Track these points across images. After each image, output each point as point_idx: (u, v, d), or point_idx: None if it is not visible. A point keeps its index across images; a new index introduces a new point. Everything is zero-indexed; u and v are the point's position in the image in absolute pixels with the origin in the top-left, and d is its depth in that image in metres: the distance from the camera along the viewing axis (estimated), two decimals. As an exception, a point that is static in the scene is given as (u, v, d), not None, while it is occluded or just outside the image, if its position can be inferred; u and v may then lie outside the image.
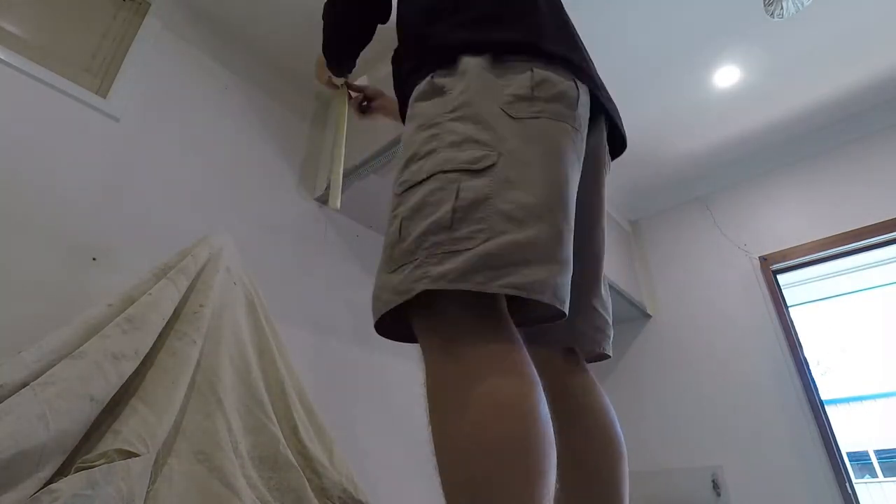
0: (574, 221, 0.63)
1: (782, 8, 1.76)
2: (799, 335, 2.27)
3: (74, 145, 1.19)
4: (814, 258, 2.36)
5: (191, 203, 1.38)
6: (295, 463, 0.96)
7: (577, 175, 0.65)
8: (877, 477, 6.75)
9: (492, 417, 0.49)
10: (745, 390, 2.29)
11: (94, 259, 1.12)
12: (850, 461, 6.54)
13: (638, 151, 2.54)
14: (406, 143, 0.67)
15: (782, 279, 2.45)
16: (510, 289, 0.53)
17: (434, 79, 0.69)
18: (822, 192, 2.40)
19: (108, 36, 1.36)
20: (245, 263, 1.22)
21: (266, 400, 1.01)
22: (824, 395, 2.18)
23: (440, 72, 0.69)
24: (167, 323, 0.92)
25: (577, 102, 0.67)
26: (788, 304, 2.38)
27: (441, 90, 0.67)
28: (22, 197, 1.06)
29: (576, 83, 0.68)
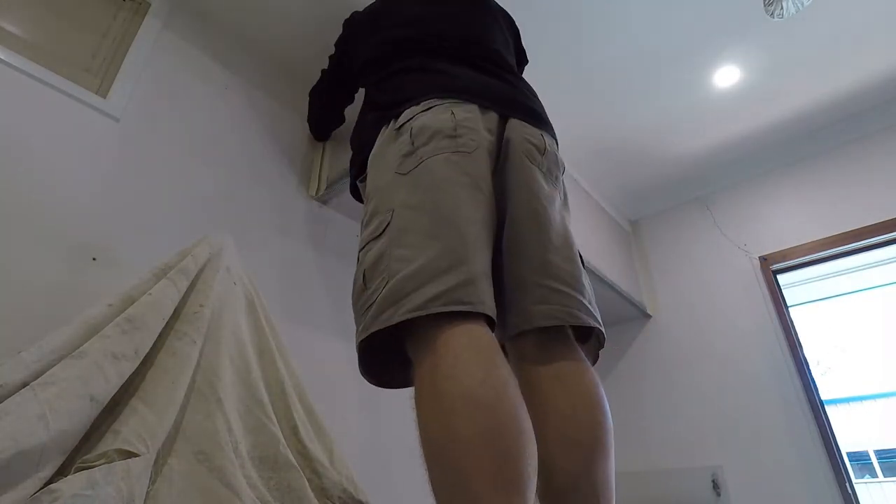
0: (484, 222, 0.75)
1: (782, 8, 1.76)
2: (799, 335, 2.27)
3: (74, 145, 1.19)
4: (814, 258, 2.36)
5: (191, 203, 1.38)
6: (295, 463, 0.96)
7: (472, 186, 0.77)
8: (877, 477, 6.76)
9: (460, 408, 0.54)
10: (745, 390, 2.29)
11: (94, 259, 1.12)
12: (850, 461, 6.54)
13: (638, 151, 2.54)
14: None
15: (782, 279, 2.45)
16: (410, 313, 0.62)
17: (361, 180, 0.91)
18: (822, 192, 2.40)
19: (108, 36, 1.36)
20: (245, 263, 1.22)
21: (266, 400, 1.01)
22: (824, 395, 2.18)
23: (364, 171, 0.90)
24: (167, 323, 0.92)
25: (456, 129, 0.80)
26: (788, 304, 2.38)
27: (364, 187, 0.88)
28: (21, 197, 1.06)
29: (452, 113, 0.82)
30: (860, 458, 6.85)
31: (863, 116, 2.35)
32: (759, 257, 2.46)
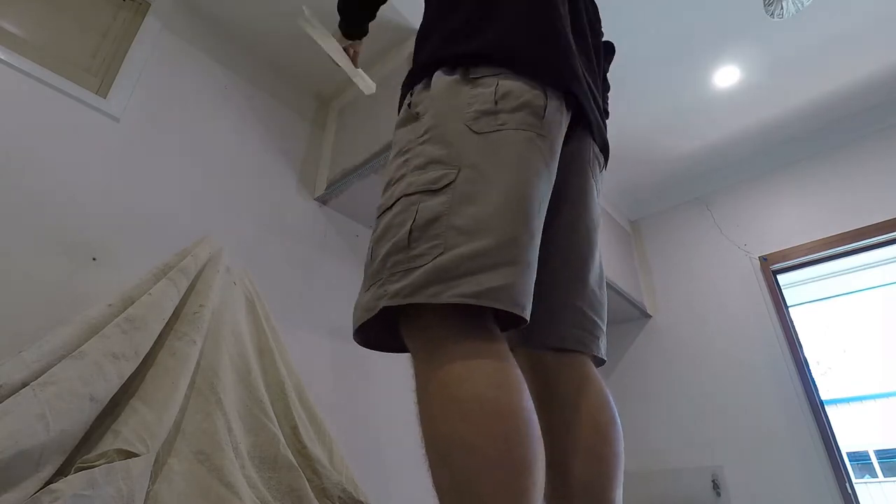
0: (545, 224, 0.68)
1: (782, 8, 1.76)
2: (799, 335, 2.27)
3: (74, 145, 1.19)
4: (814, 258, 2.36)
5: (191, 203, 1.38)
6: (295, 463, 0.96)
7: (546, 180, 0.68)
8: (877, 477, 6.75)
9: (473, 417, 0.51)
10: (746, 390, 2.29)
11: (94, 259, 1.12)
12: (850, 461, 6.54)
13: (638, 151, 2.54)
14: (385, 171, 0.72)
15: (782, 279, 2.45)
16: (461, 298, 0.55)
17: (410, 104, 0.74)
18: (822, 192, 2.40)
19: (108, 36, 1.36)
20: (245, 263, 1.22)
21: (266, 400, 1.01)
22: (824, 395, 2.18)
23: (416, 93, 0.74)
24: (167, 323, 0.92)
25: (545, 110, 0.70)
26: (788, 304, 2.38)
27: (415, 116, 0.72)
28: (22, 197, 1.06)
29: (545, 92, 0.71)
30: (860, 458, 6.85)
31: (863, 116, 2.35)
32: (760, 257, 2.46)
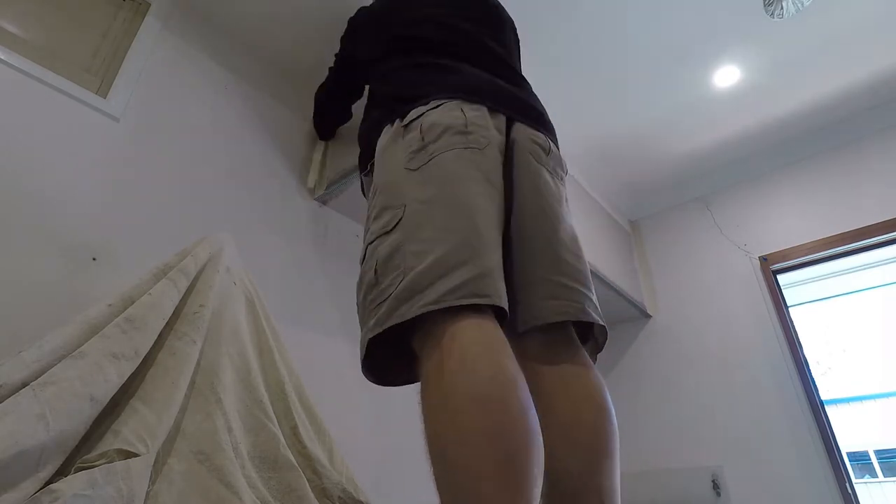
0: (506, 215, 0.78)
1: (782, 8, 1.77)
2: (799, 335, 2.27)
3: (74, 145, 1.19)
4: (814, 258, 2.36)
5: (191, 203, 1.38)
6: (295, 463, 0.96)
7: (483, 180, 0.77)
8: (877, 477, 6.75)
9: (468, 406, 0.53)
10: (745, 390, 2.29)
11: (94, 259, 1.12)
12: (850, 461, 6.54)
13: (638, 151, 2.54)
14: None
15: (782, 279, 2.45)
16: (424, 307, 0.61)
17: (366, 174, 0.89)
18: (823, 192, 2.40)
19: (108, 36, 1.36)
20: (245, 263, 1.22)
21: (266, 400, 1.01)
22: (824, 395, 2.18)
23: (370, 164, 0.89)
24: (167, 323, 0.92)
25: (467, 125, 0.80)
26: (788, 304, 2.38)
27: (370, 181, 0.86)
28: (21, 197, 1.06)
29: (462, 111, 0.82)
30: (860, 458, 6.85)
31: (863, 116, 2.35)
32: (759, 257, 2.46)
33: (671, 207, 2.89)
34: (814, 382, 2.16)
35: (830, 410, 2.16)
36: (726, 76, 2.11)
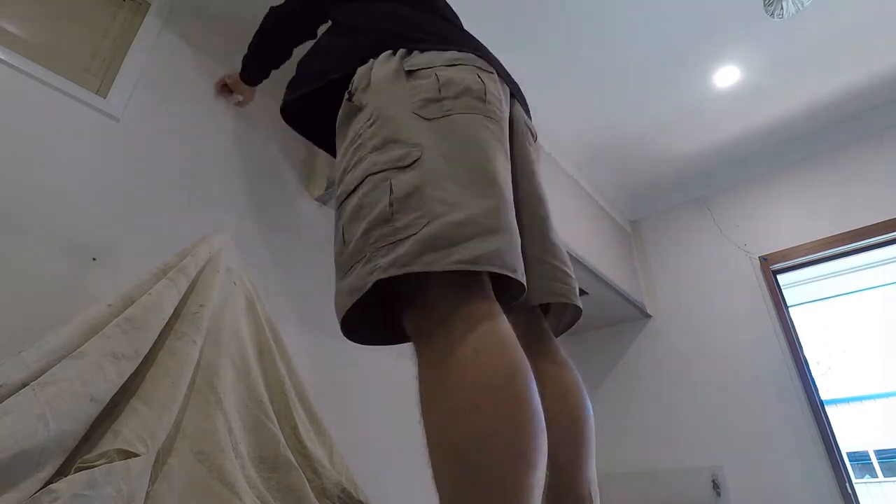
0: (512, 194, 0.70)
1: (782, 8, 1.77)
2: (799, 335, 2.27)
3: (74, 145, 1.19)
4: (814, 258, 2.36)
5: (191, 203, 1.38)
6: (295, 463, 0.96)
7: (503, 155, 0.71)
8: (877, 477, 6.75)
9: (485, 404, 0.49)
10: (745, 390, 2.29)
11: (94, 259, 1.12)
12: (850, 461, 6.54)
13: (638, 151, 2.54)
14: (337, 165, 0.74)
15: (782, 279, 2.45)
16: (459, 264, 0.55)
17: (351, 98, 0.76)
18: (823, 192, 2.40)
19: (108, 36, 1.36)
20: (245, 263, 1.22)
21: (266, 400, 1.01)
22: (824, 395, 2.18)
23: (357, 91, 0.76)
24: (167, 323, 0.92)
25: (486, 94, 0.74)
26: (788, 304, 2.38)
27: (357, 108, 0.74)
28: (21, 197, 1.06)
29: (479, 77, 0.75)
30: (860, 458, 6.85)
31: (863, 116, 2.35)
32: (760, 257, 2.46)
33: (671, 207, 2.89)
34: (814, 382, 2.16)
35: (830, 410, 2.16)
36: (726, 76, 2.11)
